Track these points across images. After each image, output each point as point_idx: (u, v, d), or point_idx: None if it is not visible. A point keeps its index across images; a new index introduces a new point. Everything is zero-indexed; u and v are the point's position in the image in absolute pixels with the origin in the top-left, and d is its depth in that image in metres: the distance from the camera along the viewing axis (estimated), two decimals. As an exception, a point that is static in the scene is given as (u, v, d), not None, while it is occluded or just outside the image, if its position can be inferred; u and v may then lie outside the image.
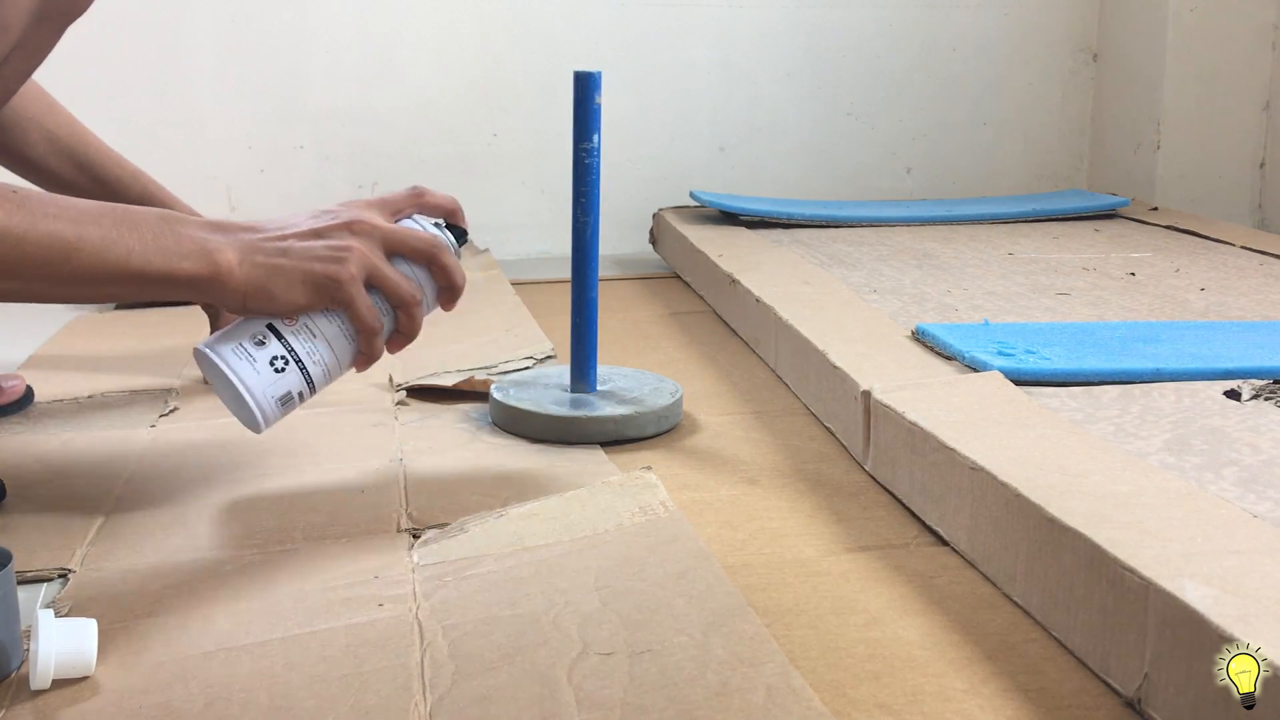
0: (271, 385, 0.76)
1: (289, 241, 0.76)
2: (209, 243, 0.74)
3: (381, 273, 0.77)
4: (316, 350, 0.77)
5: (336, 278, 0.75)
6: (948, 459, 0.77)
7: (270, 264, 0.75)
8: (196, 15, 1.78)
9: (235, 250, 0.74)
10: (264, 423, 0.76)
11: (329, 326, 0.77)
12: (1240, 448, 0.78)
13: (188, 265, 0.73)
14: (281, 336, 0.76)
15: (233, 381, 0.75)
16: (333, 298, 0.76)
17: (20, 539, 0.77)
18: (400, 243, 0.79)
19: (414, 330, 0.80)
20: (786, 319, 1.13)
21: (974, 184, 2.07)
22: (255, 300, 0.75)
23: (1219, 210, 1.92)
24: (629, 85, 1.91)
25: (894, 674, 0.61)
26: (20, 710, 0.58)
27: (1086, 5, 2.06)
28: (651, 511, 0.79)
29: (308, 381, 0.77)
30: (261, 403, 0.75)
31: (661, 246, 1.77)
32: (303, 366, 0.76)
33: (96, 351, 1.25)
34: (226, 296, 0.75)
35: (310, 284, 0.75)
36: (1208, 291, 1.27)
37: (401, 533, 0.78)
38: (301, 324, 0.76)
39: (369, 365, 0.80)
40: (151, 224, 0.73)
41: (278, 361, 0.76)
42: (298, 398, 0.77)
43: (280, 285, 0.75)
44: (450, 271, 0.81)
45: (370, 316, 0.77)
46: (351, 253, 0.76)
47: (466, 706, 0.57)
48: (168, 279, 0.72)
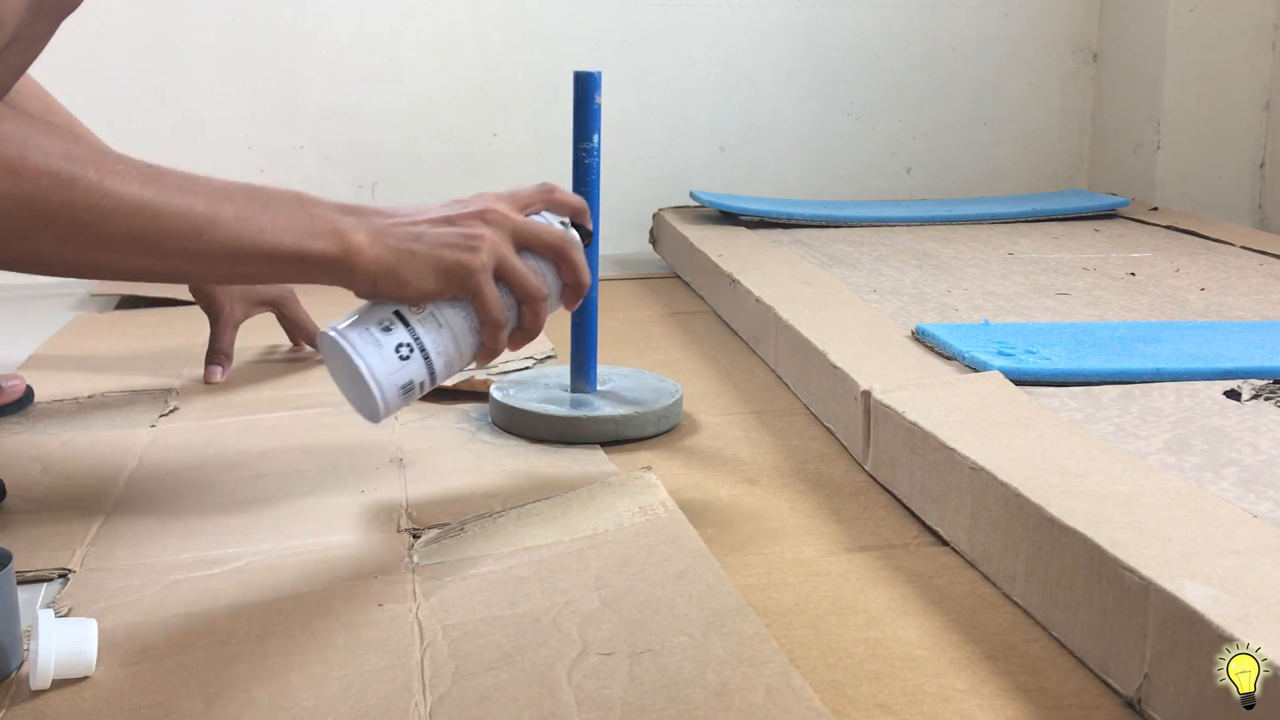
0: (396, 373, 0.74)
1: (421, 227, 0.75)
2: (341, 223, 0.73)
3: (511, 264, 0.76)
4: (441, 340, 0.75)
5: (468, 265, 0.74)
6: (948, 459, 0.77)
7: (402, 248, 0.74)
8: (196, 15, 1.78)
9: (367, 232, 0.73)
10: (384, 410, 0.75)
11: (455, 317, 0.76)
12: (1240, 448, 0.78)
13: (320, 244, 0.72)
14: (408, 324, 0.75)
15: (358, 366, 0.73)
16: (463, 286, 0.74)
17: (20, 539, 0.77)
18: (532, 236, 0.78)
19: (537, 327, 0.79)
20: (786, 319, 1.13)
21: (974, 184, 2.07)
22: (385, 284, 0.74)
23: (1219, 210, 1.92)
24: (629, 85, 1.91)
25: (894, 674, 0.61)
26: (20, 710, 0.58)
27: (1086, 5, 2.06)
28: (651, 511, 0.79)
29: (430, 371, 0.76)
30: (385, 389, 0.74)
31: (661, 246, 1.77)
32: (427, 356, 0.75)
33: (96, 351, 1.25)
34: (356, 279, 0.74)
35: (441, 270, 0.74)
36: (1208, 291, 1.27)
37: (401, 533, 0.78)
38: (429, 313, 0.75)
39: (490, 360, 0.79)
40: (285, 203, 0.72)
41: (403, 349, 0.74)
42: (418, 388, 0.76)
43: (411, 270, 0.73)
44: (578, 269, 0.79)
45: (497, 309, 0.75)
46: (484, 241, 0.75)
47: (466, 706, 0.57)
48: (300, 257, 0.71)
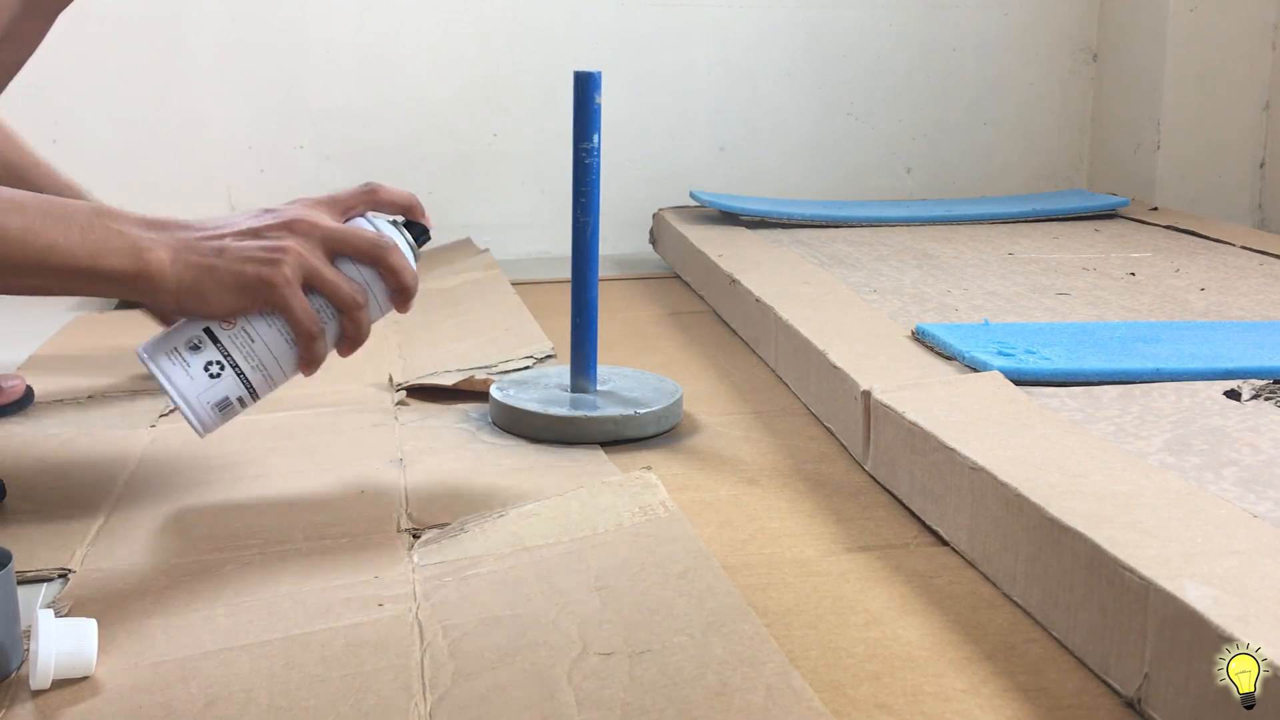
0: (206, 391, 0.74)
1: (225, 240, 0.73)
2: (141, 240, 0.71)
3: (320, 274, 0.74)
4: (255, 354, 0.74)
5: (269, 280, 0.72)
6: (948, 459, 0.77)
7: (203, 263, 0.72)
8: (196, 15, 1.78)
9: (168, 248, 0.72)
10: (201, 428, 0.75)
11: (268, 331, 0.74)
12: (1240, 448, 0.78)
13: (115, 261, 0.70)
14: (218, 341, 0.74)
15: (165, 388, 0.73)
16: (266, 300, 0.73)
17: (20, 539, 0.77)
18: (343, 241, 0.75)
19: (359, 334, 0.77)
20: (786, 319, 1.13)
21: (974, 184, 2.07)
22: (188, 301, 0.72)
23: (1219, 210, 1.92)
24: (629, 85, 1.91)
25: (894, 674, 0.61)
26: (20, 710, 0.58)
27: (1086, 5, 2.06)
28: (651, 511, 0.79)
29: (247, 387, 0.75)
30: (196, 409, 0.74)
31: (661, 246, 1.77)
32: (240, 371, 0.74)
33: (96, 351, 1.25)
34: (158, 296, 0.72)
35: (242, 286, 0.72)
36: (1208, 291, 1.27)
37: (401, 533, 0.78)
38: (240, 327, 0.74)
39: (313, 369, 0.77)
40: (81, 217, 0.70)
41: (212, 367, 0.74)
42: (237, 403, 0.75)
43: (211, 286, 0.72)
44: (399, 273, 0.77)
45: (308, 320, 0.74)
46: (287, 254, 0.73)
47: (466, 706, 0.57)
48: (93, 274, 0.70)
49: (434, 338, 1.26)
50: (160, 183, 1.78)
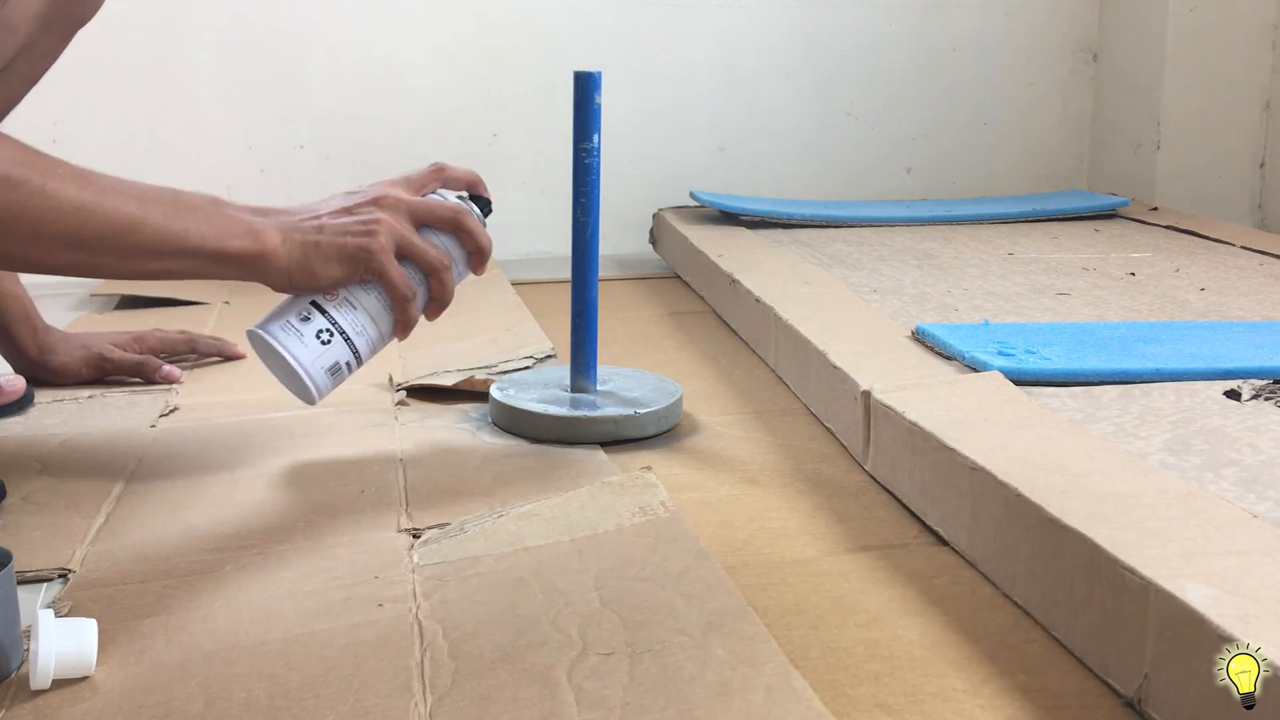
0: (320, 357, 0.81)
1: (322, 219, 0.81)
2: (254, 223, 0.79)
3: (410, 242, 0.82)
4: (358, 321, 0.82)
5: (368, 249, 0.80)
6: (948, 459, 0.77)
7: (308, 240, 0.80)
8: (196, 15, 1.78)
9: (277, 230, 0.80)
10: (317, 393, 0.82)
11: (367, 298, 0.82)
12: (1240, 448, 0.78)
13: (237, 243, 0.78)
14: (325, 311, 0.82)
15: (284, 356, 0.80)
16: (367, 268, 0.81)
17: (20, 539, 0.77)
18: (426, 212, 0.84)
19: (446, 295, 0.86)
20: (786, 319, 1.13)
21: (974, 184, 2.07)
22: (299, 277, 0.80)
23: (1219, 210, 1.92)
24: (629, 85, 1.91)
25: (894, 674, 0.61)
26: (20, 710, 0.58)
27: (1086, 5, 2.06)
28: (651, 511, 0.79)
29: (353, 351, 0.82)
30: (313, 374, 0.81)
31: (661, 246, 1.77)
32: (346, 337, 0.82)
33: (96, 351, 1.25)
34: (272, 274, 0.80)
35: (345, 257, 0.80)
36: (1208, 291, 1.27)
37: (401, 533, 0.78)
38: (342, 298, 0.82)
39: (407, 332, 0.85)
40: (204, 206, 0.79)
41: (323, 334, 0.81)
42: (345, 368, 0.83)
43: (319, 261, 0.80)
44: (475, 235, 0.86)
45: (403, 284, 0.82)
46: (380, 224, 0.81)
47: (466, 706, 0.57)
48: (220, 256, 0.78)
49: (434, 337, 1.26)
50: (160, 183, 1.78)
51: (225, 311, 1.43)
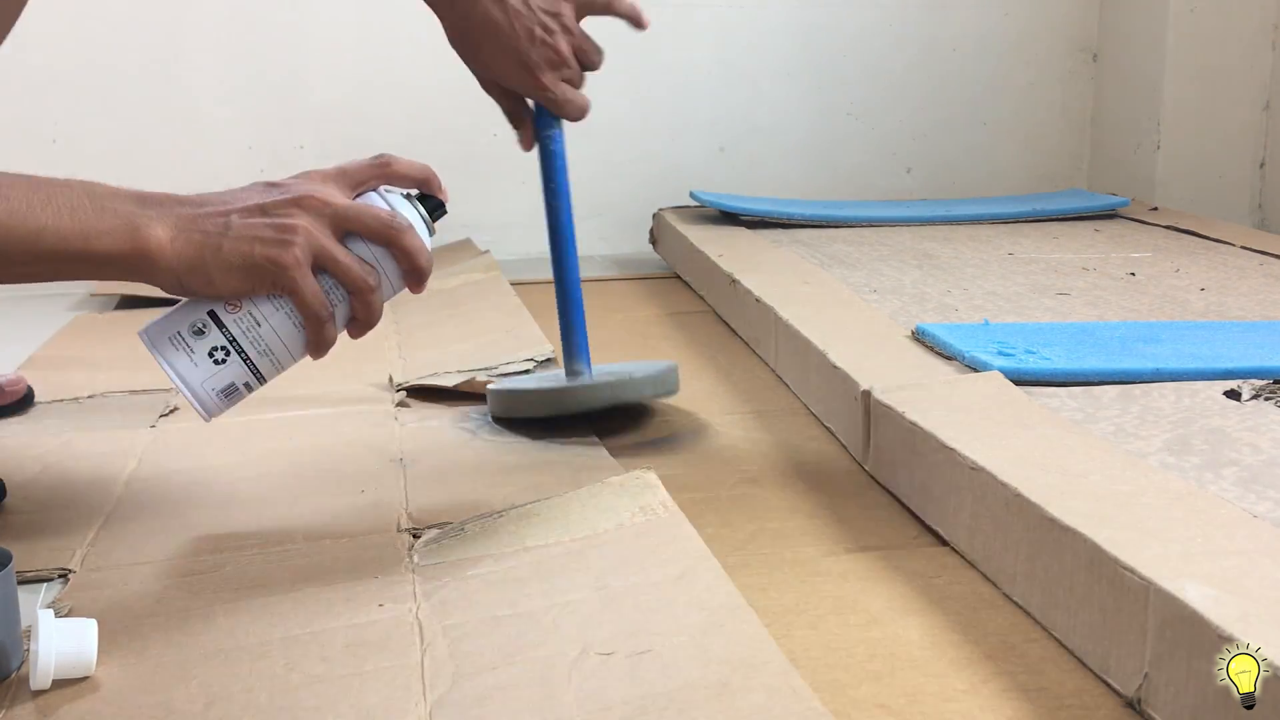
0: (211, 378, 0.71)
1: (230, 217, 0.69)
2: (136, 217, 0.67)
3: (331, 255, 0.70)
4: (262, 340, 0.71)
5: (278, 261, 0.68)
6: (948, 459, 0.77)
7: (207, 242, 0.68)
8: (196, 15, 1.78)
9: (167, 225, 0.68)
10: (206, 414, 0.72)
11: (274, 314, 0.71)
12: (1240, 448, 0.78)
13: (109, 242, 0.66)
14: (223, 325, 0.71)
15: (170, 375, 0.71)
16: (274, 283, 0.69)
17: (20, 539, 0.77)
18: (355, 221, 0.72)
19: (371, 317, 0.73)
20: (786, 319, 1.13)
21: (974, 184, 2.07)
22: (191, 281, 0.69)
23: (1219, 210, 1.92)
24: (629, 85, 1.91)
25: (894, 674, 0.61)
26: (20, 710, 0.58)
27: (1086, 5, 2.06)
28: (651, 511, 0.79)
29: (253, 372, 0.72)
30: (201, 396, 0.71)
31: (661, 246, 1.77)
32: (245, 357, 0.71)
33: (96, 351, 1.25)
34: (157, 277, 0.68)
35: (249, 267, 0.68)
36: (1208, 291, 1.27)
37: (401, 533, 0.78)
38: (245, 310, 0.71)
39: (322, 353, 0.74)
40: (70, 197, 0.66)
41: (218, 353, 0.71)
42: (243, 388, 0.73)
43: (217, 267, 0.68)
44: (412, 254, 0.73)
45: (317, 304, 0.70)
46: (297, 234, 0.69)
47: (466, 706, 0.57)
48: (86, 256, 0.66)
49: (434, 338, 1.26)
50: (160, 183, 1.78)
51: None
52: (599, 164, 1.92)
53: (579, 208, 1.04)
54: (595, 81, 1.01)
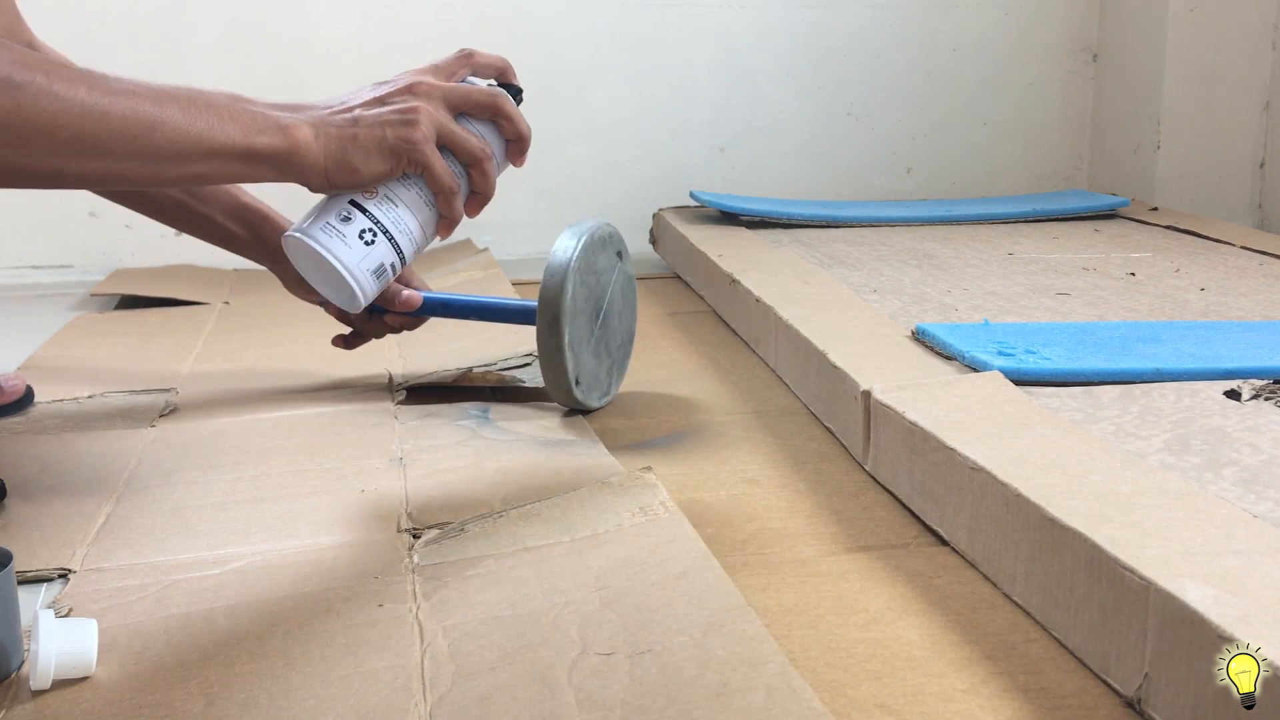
0: (365, 259, 0.77)
1: (355, 111, 0.77)
2: (282, 119, 0.75)
3: (451, 130, 0.78)
4: (401, 220, 0.78)
5: (410, 139, 0.76)
6: (948, 459, 0.77)
7: (344, 134, 0.75)
8: (196, 15, 1.78)
9: (308, 125, 0.75)
10: (363, 296, 0.78)
11: (408, 194, 0.78)
12: (1240, 448, 0.78)
13: (266, 139, 0.73)
14: (365, 210, 0.77)
15: (328, 260, 0.76)
16: (410, 160, 0.77)
17: (20, 539, 0.77)
18: (464, 99, 0.79)
19: (489, 187, 0.81)
20: (786, 319, 1.13)
21: (974, 184, 2.07)
22: (338, 173, 0.76)
23: (1219, 210, 1.92)
24: (629, 85, 1.91)
25: (894, 674, 0.61)
26: (20, 710, 0.58)
27: (1086, 5, 2.06)
28: (651, 511, 0.79)
29: (397, 251, 0.79)
30: (359, 277, 0.77)
31: (661, 246, 1.77)
32: (390, 236, 0.78)
33: (96, 351, 1.25)
34: (308, 172, 0.76)
35: (386, 150, 0.76)
36: (1208, 291, 1.27)
37: (401, 533, 0.78)
38: (382, 195, 0.78)
39: (451, 230, 0.81)
40: (225, 102, 0.74)
41: (366, 234, 0.77)
42: (390, 269, 0.79)
43: (358, 155, 0.75)
44: (515, 120, 0.82)
45: (447, 176, 0.78)
46: (420, 114, 0.76)
47: (466, 706, 0.57)
48: (249, 154, 0.73)
49: (434, 337, 1.26)
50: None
51: (225, 311, 1.43)
52: (599, 164, 1.92)
53: (580, 207, 1.04)
54: (596, 81, 1.01)
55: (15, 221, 1.74)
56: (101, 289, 1.54)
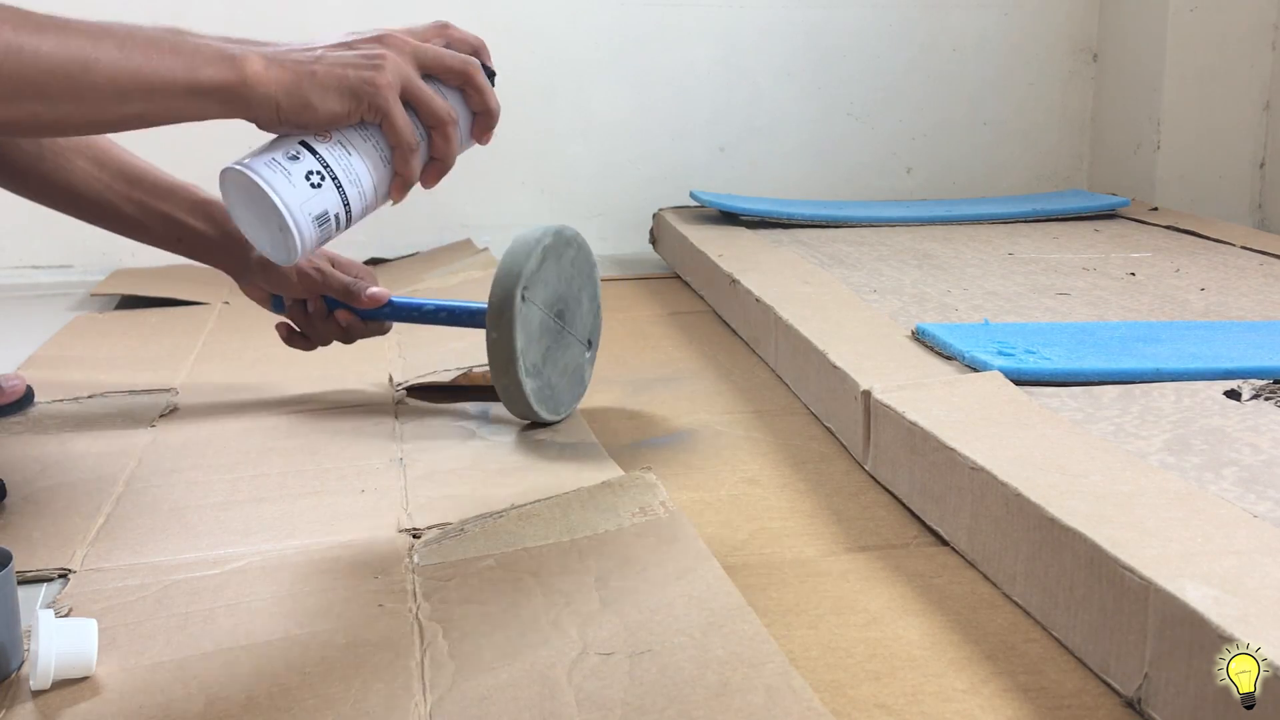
0: (308, 201, 0.72)
1: (319, 51, 0.74)
2: (230, 49, 0.72)
3: (416, 85, 0.74)
4: (353, 168, 0.73)
5: (373, 82, 0.72)
6: (948, 459, 0.77)
7: (301, 70, 0.72)
8: (196, 16, 1.78)
9: (261, 58, 0.71)
10: (300, 244, 0.72)
11: (364, 144, 0.74)
12: (1240, 448, 0.78)
13: (212, 72, 0.70)
14: (315, 152, 0.72)
15: (268, 194, 0.71)
16: (371, 105, 0.72)
17: (20, 539, 0.77)
18: (435, 60, 0.76)
19: (449, 154, 0.76)
20: (786, 319, 1.13)
21: (974, 184, 2.07)
22: (291, 109, 0.71)
23: (1219, 210, 1.92)
24: (629, 85, 1.91)
25: (894, 674, 0.61)
26: (20, 710, 0.58)
27: (1086, 5, 2.06)
28: (651, 511, 0.79)
29: (344, 203, 0.73)
30: (299, 219, 0.72)
31: (661, 246, 1.77)
32: (339, 184, 0.72)
33: (96, 351, 1.25)
34: (255, 106, 0.71)
35: (346, 89, 0.72)
36: (1208, 291, 1.27)
37: (401, 533, 0.78)
38: (336, 140, 0.73)
39: (404, 192, 0.76)
40: (167, 37, 0.70)
41: (314, 176, 0.72)
42: (334, 221, 0.73)
43: (314, 90, 0.71)
44: (486, 93, 0.78)
45: (406, 130, 0.73)
46: (386, 60, 0.73)
47: (466, 706, 0.57)
48: (193, 88, 0.69)
49: (434, 337, 1.26)
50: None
51: (225, 311, 1.43)
52: (599, 164, 1.92)
53: (580, 207, 1.04)
54: (596, 81, 1.01)
55: (15, 221, 1.74)
56: (101, 289, 1.54)
